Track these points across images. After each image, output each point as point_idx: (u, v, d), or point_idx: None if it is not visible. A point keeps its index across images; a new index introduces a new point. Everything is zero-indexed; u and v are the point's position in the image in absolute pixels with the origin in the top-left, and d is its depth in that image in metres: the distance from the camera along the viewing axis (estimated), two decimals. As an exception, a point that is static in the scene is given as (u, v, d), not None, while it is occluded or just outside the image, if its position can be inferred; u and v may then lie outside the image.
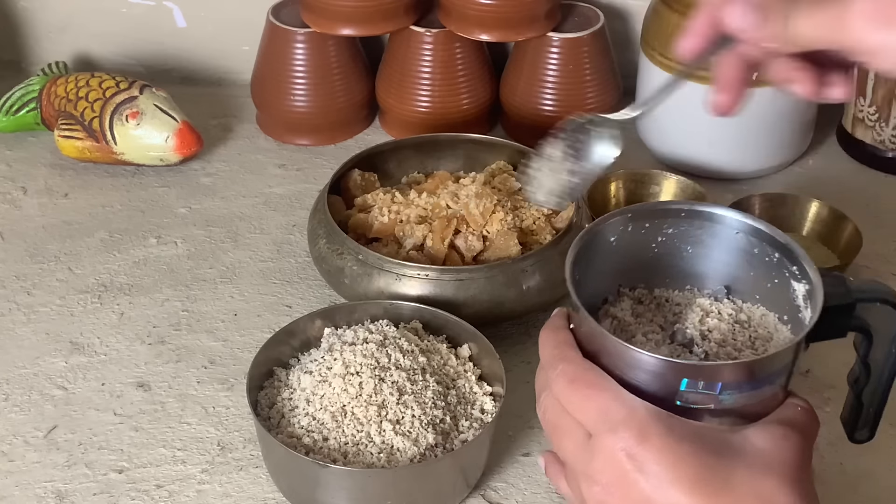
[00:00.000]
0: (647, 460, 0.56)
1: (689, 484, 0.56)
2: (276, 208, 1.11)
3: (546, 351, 0.63)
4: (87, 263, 1.03)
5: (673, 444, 0.56)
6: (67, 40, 1.32)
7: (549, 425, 0.62)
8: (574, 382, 0.60)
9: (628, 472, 0.57)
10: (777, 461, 0.57)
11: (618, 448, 0.57)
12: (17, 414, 0.87)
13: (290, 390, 0.81)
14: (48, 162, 1.17)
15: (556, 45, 1.16)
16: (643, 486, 0.56)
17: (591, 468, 0.58)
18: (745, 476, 0.56)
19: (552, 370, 0.62)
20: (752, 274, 0.68)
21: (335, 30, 1.16)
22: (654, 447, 0.56)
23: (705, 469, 0.56)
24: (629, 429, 0.57)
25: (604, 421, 0.58)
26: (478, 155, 1.07)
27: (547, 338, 0.64)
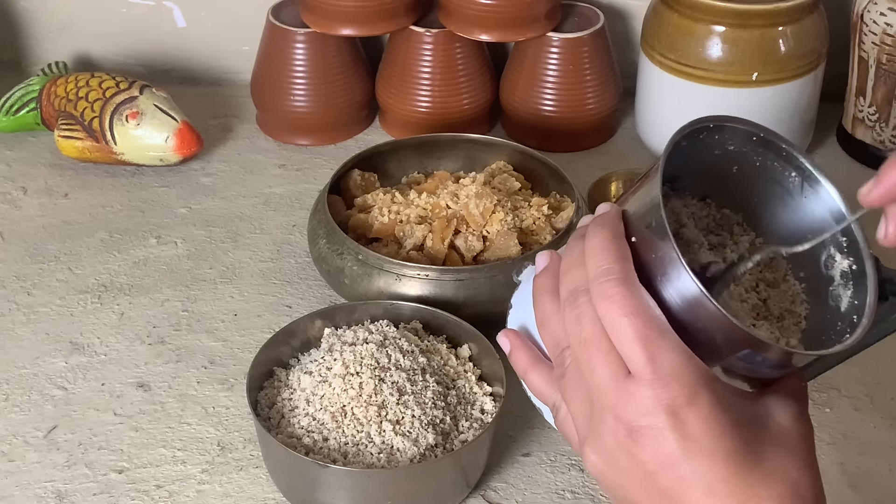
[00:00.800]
0: (690, 423, 0.54)
1: (725, 455, 0.54)
2: (276, 208, 1.11)
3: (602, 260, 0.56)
4: (87, 263, 1.03)
5: (719, 413, 0.54)
6: (67, 40, 1.32)
7: (581, 335, 0.57)
8: (629, 315, 0.55)
9: (667, 428, 0.54)
10: (797, 439, 0.57)
11: (665, 402, 0.54)
12: (17, 414, 0.87)
13: (290, 390, 0.81)
14: (48, 162, 1.17)
15: (556, 45, 1.16)
16: (677, 447, 0.54)
17: (627, 411, 0.55)
18: (773, 454, 0.55)
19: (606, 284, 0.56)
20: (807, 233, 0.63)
21: (335, 30, 1.16)
22: (702, 412, 0.54)
23: (742, 444, 0.54)
24: (682, 385, 0.54)
25: (655, 368, 0.54)
26: (478, 155, 1.07)
27: (605, 245, 0.57)
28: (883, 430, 0.86)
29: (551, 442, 0.85)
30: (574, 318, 0.57)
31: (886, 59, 1.10)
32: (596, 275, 0.56)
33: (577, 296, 0.57)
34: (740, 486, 0.54)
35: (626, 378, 0.55)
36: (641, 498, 0.56)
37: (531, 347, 0.64)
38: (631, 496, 0.56)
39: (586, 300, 0.57)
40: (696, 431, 0.54)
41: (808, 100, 1.13)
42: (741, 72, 1.07)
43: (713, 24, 1.07)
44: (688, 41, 1.08)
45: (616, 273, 0.56)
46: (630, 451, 0.55)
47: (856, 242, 0.61)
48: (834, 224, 0.62)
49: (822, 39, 1.11)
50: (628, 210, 0.59)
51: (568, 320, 0.58)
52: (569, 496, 0.81)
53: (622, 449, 0.55)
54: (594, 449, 0.57)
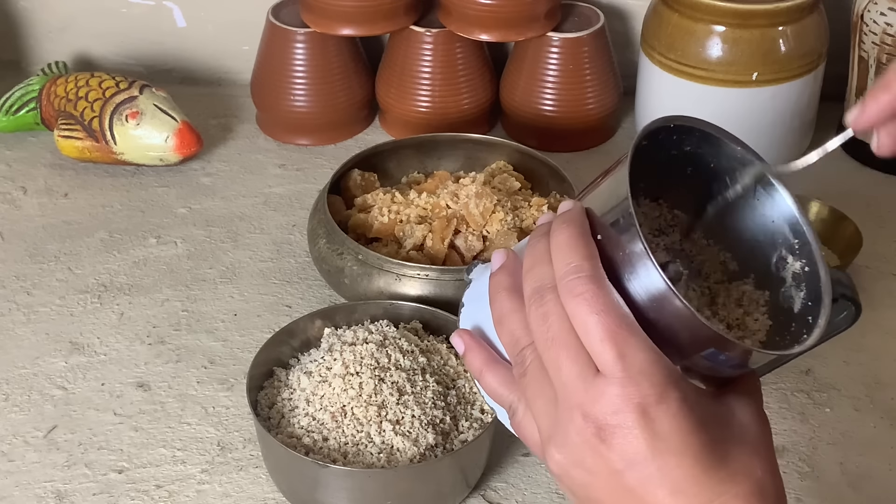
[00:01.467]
0: (659, 421, 0.53)
1: (692, 453, 0.54)
2: (276, 208, 1.11)
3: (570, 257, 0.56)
4: (87, 263, 1.03)
5: (687, 412, 0.54)
6: (67, 40, 1.32)
7: (547, 333, 0.56)
8: (601, 314, 0.54)
9: (635, 427, 0.54)
10: (758, 439, 0.57)
11: (635, 401, 0.53)
12: (17, 414, 0.87)
13: (289, 390, 0.81)
14: (48, 162, 1.17)
15: (556, 45, 1.16)
16: (645, 446, 0.54)
17: (596, 408, 0.54)
18: (738, 453, 0.55)
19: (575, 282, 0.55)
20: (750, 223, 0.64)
21: (335, 30, 1.16)
22: (671, 411, 0.54)
23: (709, 442, 0.54)
24: (652, 384, 0.53)
25: (625, 366, 0.54)
26: (478, 155, 1.07)
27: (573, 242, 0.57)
28: (883, 430, 0.86)
29: (551, 442, 0.85)
30: (540, 315, 0.57)
31: (886, 59, 1.10)
32: (564, 272, 0.56)
33: (542, 293, 0.57)
34: (707, 485, 0.54)
35: (595, 376, 0.55)
36: (606, 497, 0.55)
37: (486, 347, 0.63)
38: (595, 495, 0.56)
39: (553, 297, 0.56)
40: (665, 430, 0.54)
41: (808, 100, 1.13)
42: (741, 72, 1.08)
43: (713, 24, 1.07)
44: (688, 41, 1.08)
45: (586, 270, 0.55)
46: (597, 450, 0.55)
47: (808, 244, 0.61)
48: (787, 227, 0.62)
49: (822, 39, 1.11)
50: (591, 208, 0.58)
51: (533, 318, 0.57)
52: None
53: (589, 447, 0.55)
54: (559, 447, 0.56)
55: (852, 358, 0.91)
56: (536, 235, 0.60)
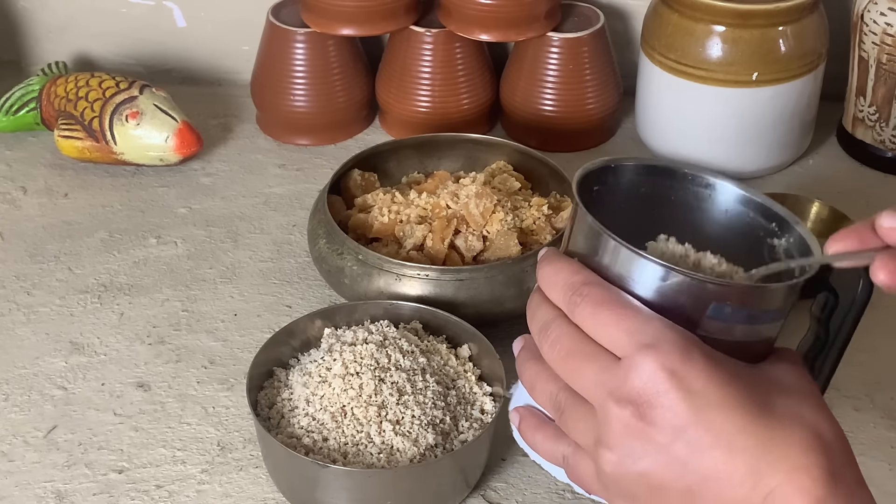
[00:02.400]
0: (692, 378, 0.52)
1: (734, 404, 0.52)
2: (276, 208, 1.11)
3: (561, 277, 0.58)
4: (87, 263, 1.03)
5: (716, 365, 0.53)
6: (67, 40, 1.32)
7: (561, 354, 0.57)
8: (602, 304, 0.55)
9: (669, 389, 0.53)
10: (808, 392, 0.56)
11: (660, 364, 0.53)
12: (17, 414, 0.87)
13: (289, 390, 0.81)
14: (48, 162, 1.17)
15: (556, 45, 1.16)
16: (685, 407, 0.52)
17: (626, 388, 0.54)
18: (786, 402, 0.54)
19: (576, 295, 0.56)
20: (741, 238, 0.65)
21: (335, 30, 1.16)
22: (700, 366, 0.53)
23: (749, 390, 0.53)
24: (671, 345, 0.53)
25: (640, 339, 0.53)
26: (478, 155, 1.07)
27: (561, 266, 0.58)
28: (883, 430, 0.86)
29: (551, 442, 0.85)
30: (550, 345, 0.58)
31: (886, 58, 1.10)
32: (563, 296, 0.57)
33: (546, 326, 0.58)
34: (759, 434, 0.52)
35: (616, 363, 0.55)
36: (666, 479, 0.54)
37: (535, 413, 0.63)
38: (655, 482, 0.55)
39: (556, 324, 0.57)
40: (700, 385, 0.53)
41: (808, 100, 1.13)
42: (741, 72, 1.07)
43: (713, 24, 1.07)
44: (688, 41, 1.08)
45: (577, 281, 0.57)
46: (643, 432, 0.54)
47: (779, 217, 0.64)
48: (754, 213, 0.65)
49: (822, 39, 1.11)
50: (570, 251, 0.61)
51: (546, 352, 0.58)
52: (569, 496, 0.81)
53: (633, 432, 0.54)
54: (607, 447, 0.55)
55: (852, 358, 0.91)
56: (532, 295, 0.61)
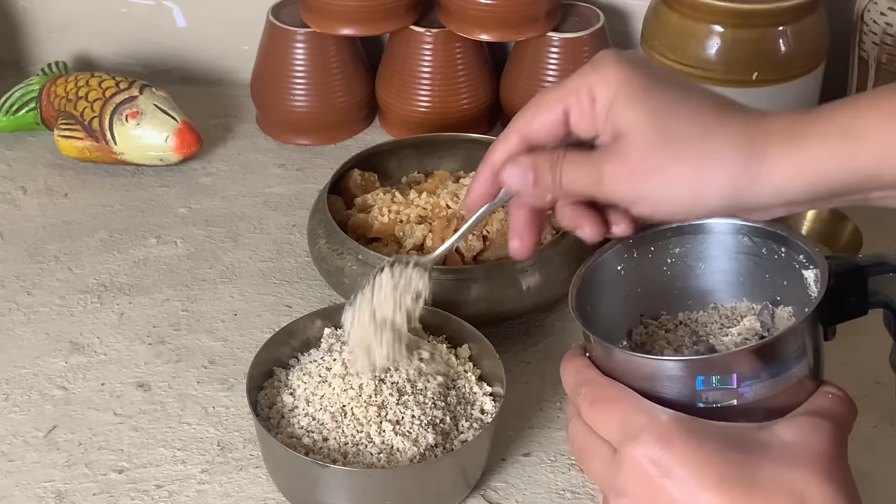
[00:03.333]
0: (671, 464, 0.56)
1: (715, 484, 0.55)
2: (276, 208, 1.11)
3: (568, 379, 0.64)
4: (87, 263, 1.03)
5: (696, 446, 0.56)
6: (67, 40, 1.32)
7: (577, 450, 0.62)
8: (596, 401, 0.61)
9: (654, 478, 0.56)
10: (805, 453, 0.57)
11: (641, 456, 0.57)
12: (17, 414, 0.87)
13: (289, 390, 0.81)
14: (48, 162, 1.17)
15: (556, 45, 1.16)
16: (670, 491, 0.56)
17: (619, 481, 0.58)
18: (772, 471, 0.55)
19: (576, 396, 0.62)
20: (767, 277, 0.67)
21: (335, 30, 1.16)
22: (677, 451, 0.56)
23: (730, 468, 0.55)
24: (651, 435, 0.57)
25: (625, 432, 0.58)
26: (478, 155, 1.05)
27: (567, 368, 0.65)
28: (883, 430, 0.86)
29: (551, 442, 0.85)
30: (569, 440, 0.63)
31: (886, 58, 1.10)
32: (571, 395, 0.63)
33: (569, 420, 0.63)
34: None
35: (613, 457, 0.59)
36: None
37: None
38: None
39: (573, 422, 0.63)
40: (680, 470, 0.56)
41: (808, 100, 1.13)
42: (741, 72, 1.07)
43: (713, 24, 1.07)
44: (688, 41, 1.08)
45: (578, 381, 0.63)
46: None
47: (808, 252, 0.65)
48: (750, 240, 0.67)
49: (822, 39, 1.11)
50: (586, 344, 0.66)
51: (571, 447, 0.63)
52: (569, 496, 0.81)
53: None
54: None
55: (852, 358, 0.91)
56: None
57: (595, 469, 0.61)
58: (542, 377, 0.91)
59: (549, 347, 0.94)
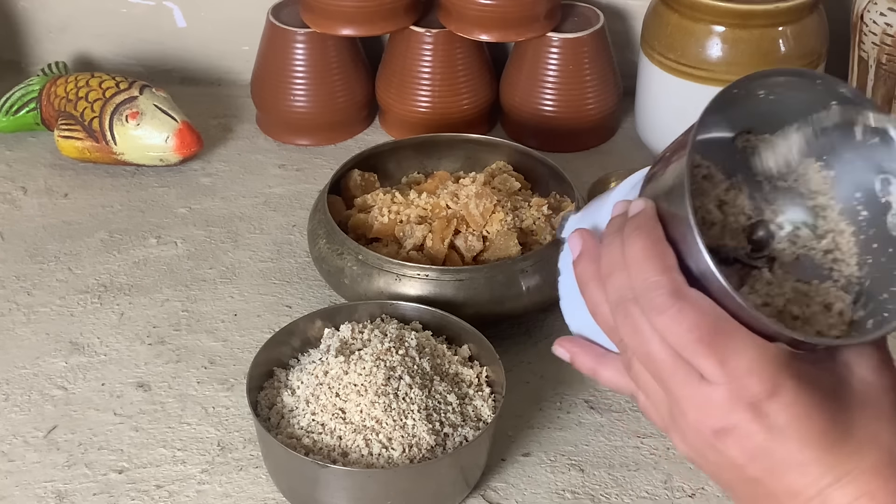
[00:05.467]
0: (774, 414, 0.53)
1: (813, 438, 0.53)
2: (276, 208, 1.11)
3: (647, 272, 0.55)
4: (87, 263, 1.03)
5: (804, 397, 0.53)
6: (67, 40, 1.32)
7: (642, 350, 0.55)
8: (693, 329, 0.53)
9: (748, 423, 0.53)
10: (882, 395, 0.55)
11: (742, 399, 0.53)
12: (17, 414, 0.87)
13: (289, 390, 0.81)
14: (48, 162, 1.17)
15: (556, 45, 1.16)
16: (762, 440, 0.53)
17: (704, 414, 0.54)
18: (862, 420, 0.54)
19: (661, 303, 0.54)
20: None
21: (335, 30, 1.16)
22: (786, 401, 0.53)
23: (829, 420, 0.53)
24: (760, 381, 0.53)
25: (728, 371, 0.53)
26: (478, 155, 1.07)
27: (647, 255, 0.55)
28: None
29: (551, 442, 0.85)
30: (630, 329, 0.56)
31: (886, 59, 1.10)
32: (644, 288, 0.55)
33: (626, 305, 0.56)
34: (834, 463, 0.53)
35: (700, 383, 0.54)
36: (734, 485, 0.56)
37: (590, 347, 0.63)
38: (722, 480, 0.57)
39: (637, 311, 0.55)
40: (781, 422, 0.53)
41: (808, 100, 1.13)
42: (741, 72, 1.06)
43: (713, 24, 1.07)
44: (688, 41, 1.08)
45: (664, 286, 0.54)
46: (715, 448, 0.55)
47: None
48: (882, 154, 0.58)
49: (822, 39, 1.11)
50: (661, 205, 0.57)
51: (624, 331, 0.56)
52: (569, 496, 0.81)
53: (707, 446, 0.55)
54: (680, 440, 0.57)
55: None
56: (612, 232, 0.58)
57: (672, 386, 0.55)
58: (542, 377, 0.91)
59: (548, 347, 0.93)
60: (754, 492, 0.55)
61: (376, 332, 0.83)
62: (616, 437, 0.85)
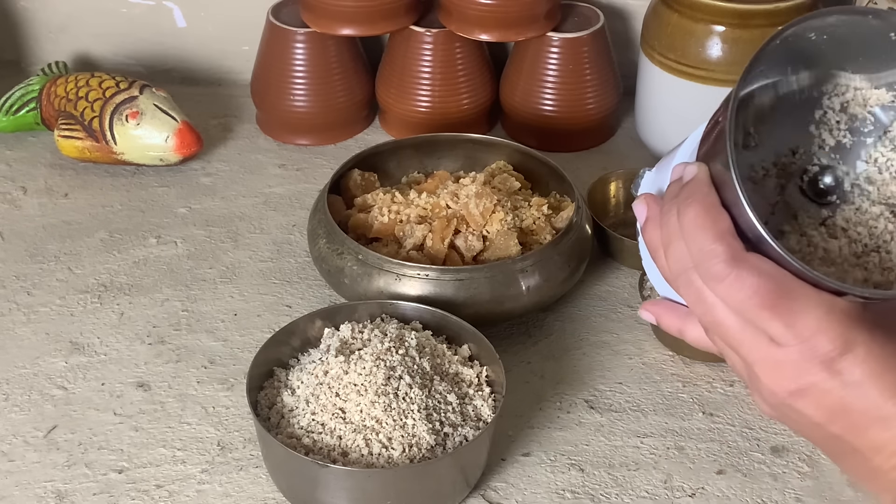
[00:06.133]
0: (849, 371, 0.53)
1: (894, 389, 0.53)
2: (276, 208, 1.11)
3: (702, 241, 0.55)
4: (87, 263, 1.03)
5: (878, 350, 0.53)
6: (67, 40, 1.32)
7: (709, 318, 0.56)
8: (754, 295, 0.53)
9: (824, 382, 0.53)
10: None
11: (815, 358, 0.53)
12: (17, 414, 0.87)
13: (289, 390, 0.81)
14: (48, 162, 1.17)
15: (556, 45, 1.16)
16: (838, 397, 0.53)
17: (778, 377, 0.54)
18: None
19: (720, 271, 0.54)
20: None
21: (335, 30, 1.16)
22: (860, 357, 0.53)
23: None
24: (831, 339, 0.53)
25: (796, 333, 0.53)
26: (478, 155, 1.07)
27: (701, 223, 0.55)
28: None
29: (551, 442, 0.85)
30: (694, 299, 0.56)
31: (886, 59, 1.10)
32: (701, 257, 0.55)
33: (687, 276, 0.56)
34: None
35: (770, 345, 0.54)
36: (820, 442, 0.56)
37: (675, 308, 0.63)
38: (811, 440, 0.57)
39: (698, 280, 0.55)
40: (858, 377, 0.53)
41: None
42: (741, 72, 1.07)
43: (713, 24, 1.07)
44: (688, 41, 1.08)
45: (720, 255, 0.54)
46: (794, 408, 0.55)
47: None
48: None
49: (822, 39, 1.11)
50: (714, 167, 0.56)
51: (689, 300, 0.57)
52: (569, 496, 0.81)
53: (786, 406, 0.55)
54: (761, 402, 0.57)
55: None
56: (668, 199, 0.58)
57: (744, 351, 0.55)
58: (542, 377, 0.91)
59: (549, 347, 0.94)
60: (840, 448, 0.56)
61: (376, 332, 0.83)
62: (616, 437, 0.85)
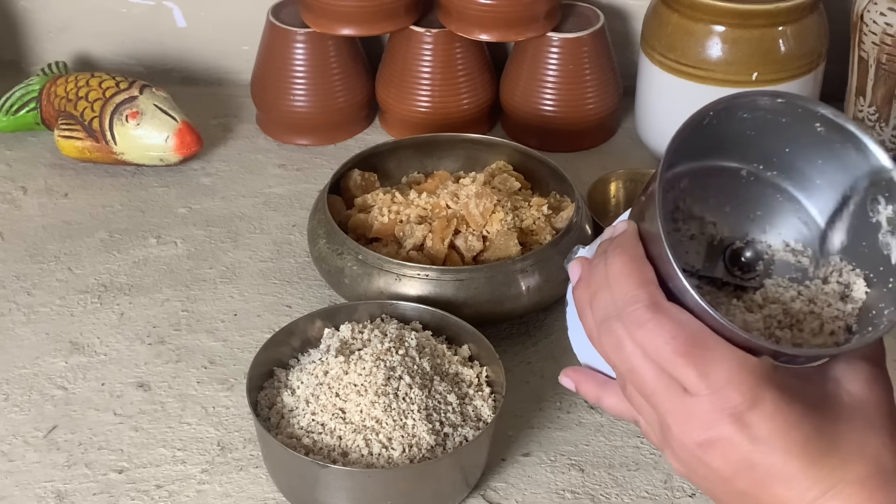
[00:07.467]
0: (756, 425, 0.53)
1: (798, 449, 0.53)
2: (276, 208, 1.11)
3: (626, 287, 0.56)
4: (87, 263, 1.03)
5: (786, 407, 0.53)
6: (67, 40, 1.32)
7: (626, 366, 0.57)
8: (671, 341, 0.54)
9: (731, 435, 0.54)
10: (873, 408, 0.56)
11: (724, 410, 0.53)
12: (17, 414, 0.87)
13: (289, 390, 0.81)
14: (48, 162, 1.17)
15: (556, 45, 1.16)
16: (745, 452, 0.54)
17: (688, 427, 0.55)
18: (849, 433, 0.54)
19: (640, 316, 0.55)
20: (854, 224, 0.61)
21: (335, 30, 1.16)
22: (766, 412, 0.53)
23: (814, 431, 0.54)
24: (741, 392, 0.53)
25: (709, 383, 0.54)
26: (478, 155, 1.07)
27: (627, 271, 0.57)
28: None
29: (551, 442, 0.85)
30: (613, 346, 0.57)
31: (886, 59, 1.10)
32: (624, 302, 0.56)
33: (609, 322, 0.57)
34: (820, 476, 0.53)
35: (683, 395, 0.55)
36: (725, 499, 0.57)
37: (593, 375, 0.65)
38: (715, 495, 0.57)
39: (619, 326, 0.57)
40: (764, 433, 0.53)
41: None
42: (741, 72, 1.07)
43: (713, 24, 1.07)
44: (688, 41, 1.08)
45: (643, 300, 0.56)
46: (702, 461, 0.55)
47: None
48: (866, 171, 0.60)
49: (822, 39, 1.11)
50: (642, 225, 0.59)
51: (608, 349, 0.58)
52: (569, 496, 0.81)
53: (695, 460, 0.56)
54: (672, 458, 0.58)
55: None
56: (598, 257, 0.60)
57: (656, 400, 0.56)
58: (542, 377, 0.91)
59: (549, 347, 0.94)
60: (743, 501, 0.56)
61: (376, 332, 0.83)
62: (616, 437, 0.85)
